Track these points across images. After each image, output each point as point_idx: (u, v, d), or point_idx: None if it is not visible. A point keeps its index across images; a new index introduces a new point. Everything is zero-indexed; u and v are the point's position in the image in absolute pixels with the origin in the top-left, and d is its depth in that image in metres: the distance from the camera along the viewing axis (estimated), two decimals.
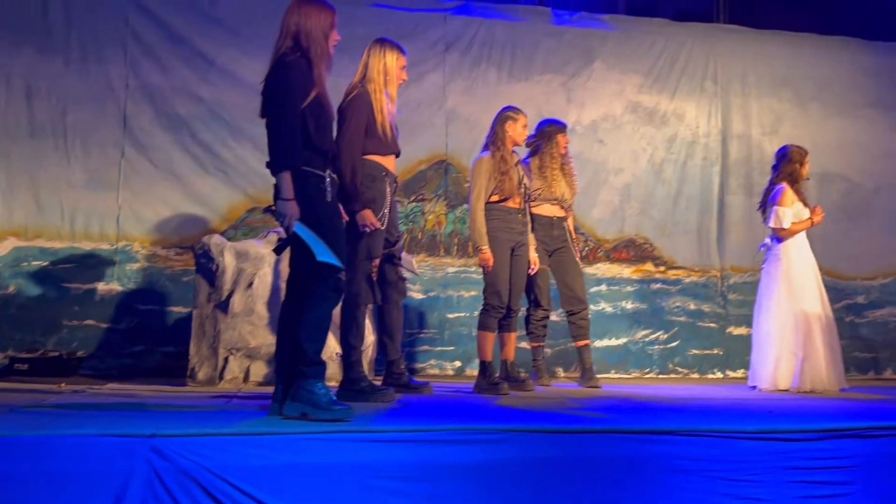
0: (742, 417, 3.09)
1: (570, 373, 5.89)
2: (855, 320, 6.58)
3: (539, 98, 6.18)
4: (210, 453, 2.21)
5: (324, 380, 2.80)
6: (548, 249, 4.83)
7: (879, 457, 2.61)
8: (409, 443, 2.41)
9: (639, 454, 2.54)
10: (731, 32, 6.72)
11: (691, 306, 6.38)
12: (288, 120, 2.78)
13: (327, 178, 2.88)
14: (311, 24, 2.86)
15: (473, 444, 2.43)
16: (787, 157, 4.99)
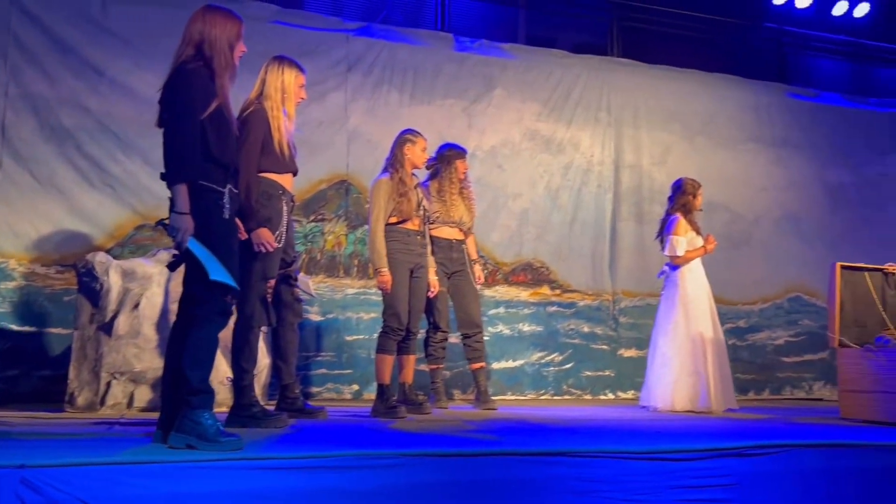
0: (632, 438, 3.18)
1: (468, 395, 5.91)
2: (737, 343, 6.92)
3: (441, 122, 6.24)
4: (87, 484, 2.06)
5: (211, 408, 2.67)
6: (447, 272, 4.86)
7: (757, 475, 2.73)
8: (302, 470, 2.34)
9: (534, 476, 2.56)
10: (624, 66, 7.01)
11: (585, 329, 6.55)
12: (186, 130, 2.67)
13: (226, 193, 2.76)
14: (216, 32, 2.77)
15: (368, 469, 2.38)
16: (681, 190, 5.24)
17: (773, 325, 7.09)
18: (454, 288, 4.90)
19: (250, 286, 3.52)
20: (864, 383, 4.26)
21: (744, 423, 4.03)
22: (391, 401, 4.17)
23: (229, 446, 2.54)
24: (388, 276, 4.19)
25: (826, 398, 6.83)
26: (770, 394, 6.96)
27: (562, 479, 2.55)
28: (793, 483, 2.81)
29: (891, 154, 7.71)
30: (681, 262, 5.10)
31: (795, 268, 7.16)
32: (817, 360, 7.09)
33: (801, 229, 7.28)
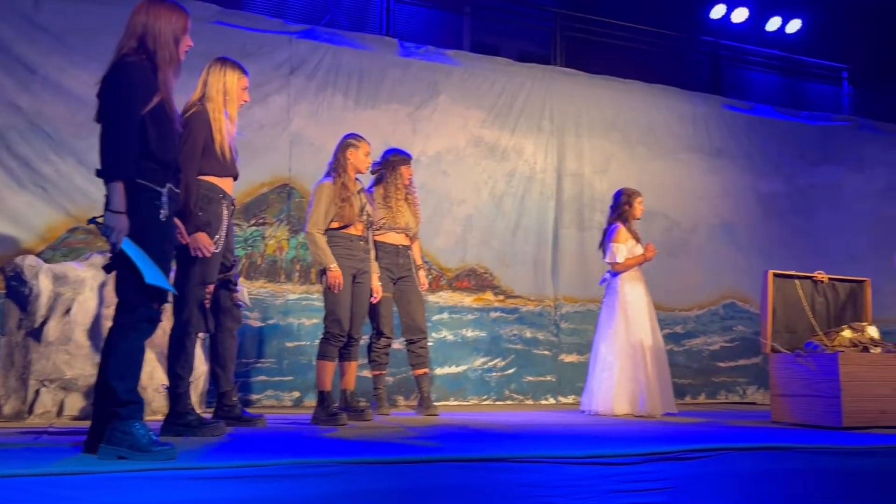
0: (573, 443, 3.21)
1: (411, 401, 5.90)
2: (674, 348, 7.06)
3: (385, 127, 6.22)
4: (11, 496, 1.98)
5: (142, 418, 2.58)
6: (392, 277, 4.84)
7: (691, 478, 2.79)
8: (238, 479, 2.29)
9: (474, 482, 2.57)
10: (567, 76, 7.11)
11: (527, 334, 6.60)
12: (125, 125, 2.57)
13: (164, 193, 2.67)
14: (160, 25, 2.68)
15: (307, 478, 2.35)
16: (621, 199, 5.37)
17: (708, 330, 7.26)
18: (399, 293, 4.89)
19: (188, 291, 3.44)
20: (795, 387, 4.39)
21: (680, 428, 4.12)
22: (332, 408, 4.13)
23: (162, 456, 2.47)
24: (338, 271, 4.16)
25: (759, 402, 7.03)
26: (706, 398, 7.13)
27: (503, 484, 2.56)
28: (725, 486, 2.88)
29: (821, 165, 8.00)
30: (620, 269, 5.21)
31: (730, 275, 7.36)
32: (751, 365, 7.29)
33: (735, 237, 7.49)
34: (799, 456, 3.09)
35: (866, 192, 8.08)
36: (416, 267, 4.96)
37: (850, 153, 8.11)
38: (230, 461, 2.45)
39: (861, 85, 9.00)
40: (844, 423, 4.06)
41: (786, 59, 8.80)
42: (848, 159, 8.08)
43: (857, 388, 4.13)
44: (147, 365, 4.21)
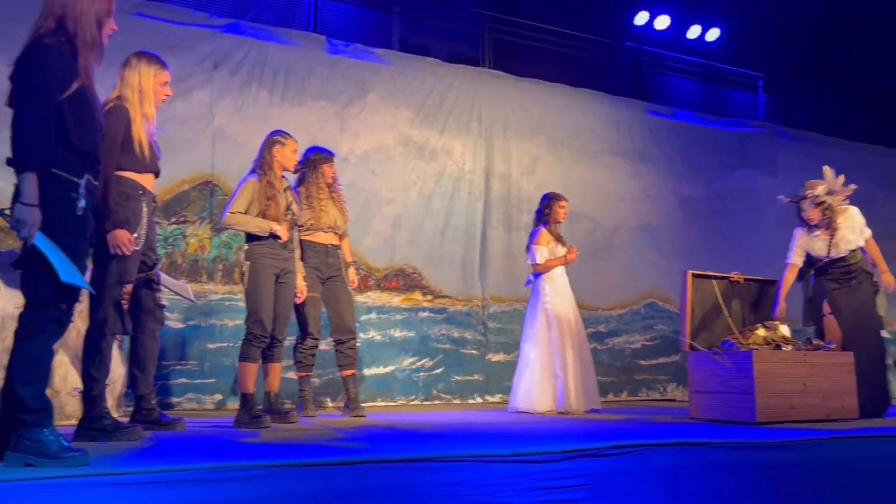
0: (497, 441, 3.23)
1: (338, 403, 5.84)
2: (598, 347, 7.20)
3: (312, 124, 6.15)
4: None
5: (51, 424, 2.44)
6: (321, 277, 4.78)
7: (611, 474, 2.85)
8: (155, 485, 2.21)
9: (399, 483, 2.55)
10: (495, 78, 7.17)
11: (455, 334, 6.63)
12: (40, 111, 2.42)
13: (82, 184, 2.52)
14: (82, 6, 2.54)
15: (226, 482, 2.29)
16: (546, 203, 5.54)
17: (630, 329, 7.44)
18: (329, 293, 4.83)
19: (104, 291, 3.32)
20: (711, 384, 4.54)
21: (602, 424, 4.20)
22: (255, 410, 4.05)
23: (74, 462, 2.37)
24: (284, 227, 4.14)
25: (678, 399, 7.24)
26: (628, 395, 7.30)
27: (428, 484, 2.55)
28: (645, 481, 2.95)
29: (738, 170, 8.30)
30: (540, 270, 5.37)
31: (651, 275, 7.56)
32: (670, 363, 7.50)
33: (656, 239, 7.70)
34: (715, 451, 3.19)
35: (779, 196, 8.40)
36: (346, 265, 4.92)
37: (765, 158, 8.44)
38: (147, 466, 2.37)
39: (775, 93, 9.38)
40: (758, 418, 4.21)
41: (705, 67, 9.10)
42: (763, 164, 8.41)
43: (769, 384, 4.29)
44: (61, 367, 4.06)
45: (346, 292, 4.86)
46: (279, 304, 4.23)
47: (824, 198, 4.89)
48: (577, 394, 5.12)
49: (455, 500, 2.54)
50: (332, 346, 4.97)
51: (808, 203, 4.96)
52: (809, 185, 5.02)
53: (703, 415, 4.57)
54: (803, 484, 3.30)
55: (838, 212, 4.93)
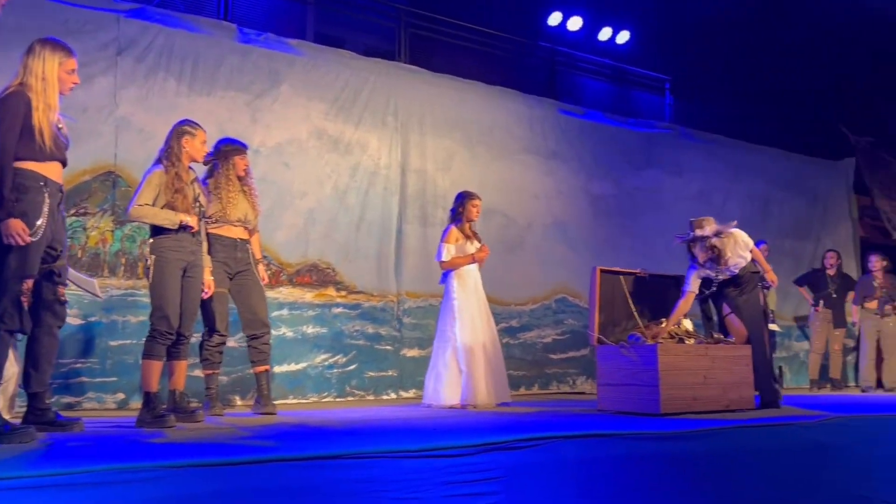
0: (408, 436, 3.22)
1: (247, 400, 5.71)
2: (510, 341, 7.30)
3: (222, 115, 5.98)
4: None
5: None
6: (230, 272, 4.66)
7: (521, 467, 2.89)
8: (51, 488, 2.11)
9: (308, 481, 2.52)
10: (411, 73, 7.15)
11: (369, 330, 6.58)
12: None
13: None
14: None
15: (124, 484, 2.20)
16: (459, 201, 5.62)
17: (542, 324, 7.57)
18: (239, 288, 4.71)
19: (2, 284, 3.14)
20: (618, 377, 4.67)
21: (512, 418, 4.25)
22: (159, 409, 3.90)
23: None
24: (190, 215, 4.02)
25: (587, 392, 7.42)
26: (539, 388, 7.42)
27: (337, 482, 2.52)
28: (553, 472, 3.00)
29: (646, 169, 8.56)
30: (446, 267, 5.49)
31: (562, 271, 7.71)
32: (580, 357, 7.67)
33: (567, 235, 7.85)
34: (621, 442, 3.28)
35: (684, 195, 8.74)
36: (256, 261, 4.80)
37: (671, 159, 8.74)
38: (40, 469, 2.25)
39: (681, 95, 9.73)
40: (662, 409, 4.35)
41: (615, 68, 9.34)
42: (668, 164, 8.70)
43: (673, 377, 4.45)
44: None
45: (258, 286, 4.75)
46: (186, 300, 4.10)
47: (713, 241, 5.00)
48: (487, 388, 5.20)
49: (364, 497, 2.52)
50: (241, 342, 4.84)
51: (697, 248, 5.05)
52: (697, 225, 5.10)
53: (610, 407, 4.69)
54: (706, 471, 3.43)
55: (726, 245, 5.04)
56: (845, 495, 3.84)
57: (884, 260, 8.20)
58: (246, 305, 4.71)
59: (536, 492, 2.92)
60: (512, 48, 8.39)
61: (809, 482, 3.75)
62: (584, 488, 3.06)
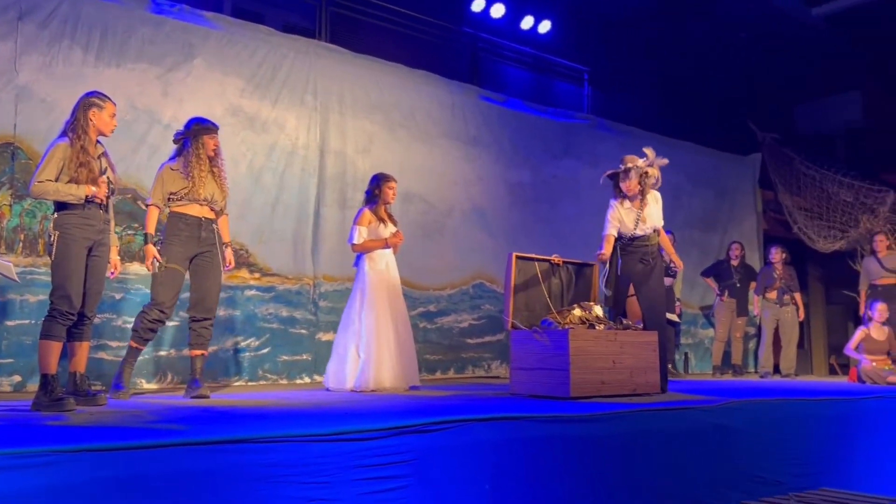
0: (319, 420, 3.19)
1: (153, 384, 5.54)
2: (427, 326, 7.32)
3: (132, 88, 5.74)
4: None
5: None
6: (190, 252, 4.60)
7: (433, 450, 2.90)
8: None
9: (214, 466, 2.46)
10: (331, 52, 7.03)
11: (284, 313, 6.47)
12: None
13: None
14: None
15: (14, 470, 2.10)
16: (374, 183, 5.61)
17: (459, 309, 7.62)
18: (196, 269, 4.67)
19: None
20: (531, 361, 4.74)
21: (424, 401, 4.27)
22: (57, 392, 3.74)
23: None
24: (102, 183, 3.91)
25: (502, 376, 7.52)
26: (455, 373, 7.48)
27: (243, 466, 2.48)
28: (465, 455, 3.03)
29: (563, 158, 8.70)
30: (357, 251, 5.48)
31: (480, 257, 7.77)
32: (495, 342, 7.77)
33: (486, 222, 7.91)
34: (531, 424, 3.33)
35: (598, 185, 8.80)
36: (223, 243, 4.78)
37: (587, 149, 8.91)
38: None
39: (599, 87, 9.92)
40: (572, 393, 4.45)
41: (536, 57, 9.44)
42: (585, 154, 8.86)
43: (583, 361, 4.55)
44: None
45: (216, 271, 4.71)
46: (91, 279, 3.94)
47: (646, 168, 5.29)
48: (395, 372, 5.22)
49: (271, 481, 2.49)
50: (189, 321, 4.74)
51: (633, 173, 5.27)
52: (629, 160, 5.37)
53: (522, 391, 4.76)
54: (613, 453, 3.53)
55: (650, 186, 5.30)
56: (742, 475, 4.03)
57: (783, 252, 8.61)
58: (198, 287, 4.68)
59: (447, 474, 2.94)
60: (435, 32, 8.36)
61: (710, 463, 3.91)
62: (494, 471, 3.10)
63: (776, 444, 4.30)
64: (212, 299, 4.69)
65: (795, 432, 4.45)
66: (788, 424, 4.45)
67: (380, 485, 2.72)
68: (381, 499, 2.73)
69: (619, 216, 5.30)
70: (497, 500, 3.06)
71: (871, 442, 4.94)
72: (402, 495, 2.76)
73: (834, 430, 4.72)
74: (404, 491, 2.77)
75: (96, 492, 2.24)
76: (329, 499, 2.59)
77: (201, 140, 4.68)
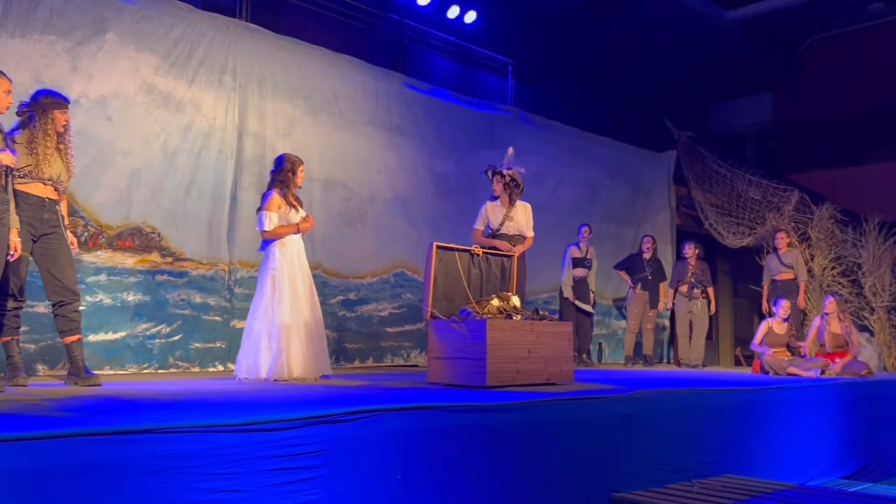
0: (228, 410, 3.11)
1: (56, 371, 5.31)
2: (346, 314, 7.26)
3: (37, 60, 5.46)
4: None
5: None
6: (34, 234, 4.27)
7: (345, 440, 2.87)
8: None
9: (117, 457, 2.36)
10: (253, 32, 6.85)
11: (197, 299, 6.30)
12: None
13: None
14: None
15: None
16: (281, 166, 5.27)
17: (379, 297, 7.58)
18: (44, 252, 4.32)
19: None
20: (449, 350, 4.75)
21: (338, 391, 4.22)
22: None
23: None
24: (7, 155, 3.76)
25: (421, 365, 7.53)
26: (374, 361, 7.45)
27: (146, 458, 2.39)
28: (379, 445, 3.01)
29: (486, 150, 8.71)
30: (268, 237, 5.19)
31: (401, 246, 7.74)
32: (415, 331, 7.77)
33: (408, 211, 7.89)
34: (445, 414, 3.34)
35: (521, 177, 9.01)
36: (65, 225, 4.44)
37: (510, 141, 8.91)
38: None
39: (523, 80, 10.01)
40: (488, 382, 4.49)
41: (461, 48, 9.45)
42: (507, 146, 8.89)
43: (500, 350, 4.59)
44: None
45: (66, 250, 4.38)
46: None
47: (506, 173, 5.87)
48: (306, 361, 5.09)
49: (176, 473, 2.41)
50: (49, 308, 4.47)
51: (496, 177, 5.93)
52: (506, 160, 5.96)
53: (440, 380, 4.77)
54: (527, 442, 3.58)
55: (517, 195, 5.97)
56: (648, 463, 4.16)
57: (697, 248, 8.91)
58: (50, 272, 4.34)
59: (360, 465, 2.92)
60: (360, 17, 8.26)
61: (618, 451, 4.02)
62: (409, 460, 3.09)
63: (681, 433, 4.45)
64: (70, 280, 4.38)
65: (700, 421, 4.62)
66: (693, 413, 4.61)
67: (290, 475, 2.67)
68: (292, 489, 2.69)
69: (487, 213, 5.97)
70: (409, 490, 3.05)
71: (771, 430, 5.17)
72: (312, 486, 2.72)
73: (736, 419, 4.92)
74: (315, 482, 2.73)
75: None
76: (238, 489, 2.53)
77: (51, 115, 4.31)
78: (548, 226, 9.15)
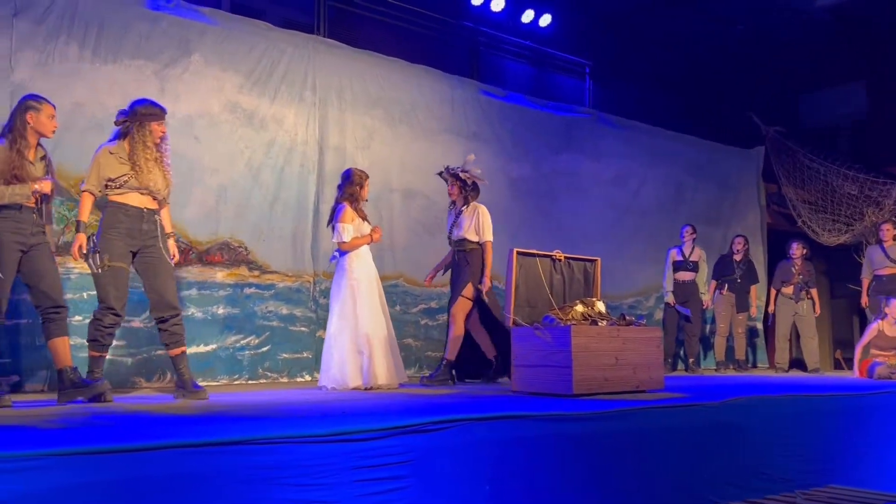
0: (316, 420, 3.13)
1: (153, 383, 5.50)
2: (429, 323, 7.27)
3: (128, 84, 5.68)
4: None
5: None
6: (133, 246, 4.35)
7: (432, 449, 2.84)
8: None
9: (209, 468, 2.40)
10: (331, 47, 6.96)
11: (284, 311, 6.42)
12: None
13: None
14: None
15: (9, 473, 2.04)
16: (350, 180, 5.46)
17: None
18: (144, 266, 4.39)
19: None
20: (533, 358, 4.68)
21: (424, 400, 4.21)
22: None
23: None
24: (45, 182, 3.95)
25: None
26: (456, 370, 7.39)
27: (236, 468, 2.42)
28: (465, 455, 2.97)
29: (563, 153, 8.63)
30: (347, 248, 5.35)
31: None
32: None
33: None
34: (532, 423, 3.27)
35: (600, 179, 8.87)
36: (166, 235, 4.51)
37: (588, 144, 8.84)
38: None
39: (600, 81, 9.84)
40: (574, 390, 4.39)
41: (537, 51, 9.36)
42: (586, 149, 8.79)
43: (586, 357, 4.49)
44: None
45: (165, 264, 4.43)
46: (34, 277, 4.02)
47: (461, 175, 5.87)
48: (388, 369, 5.18)
49: (265, 484, 2.43)
50: (145, 322, 4.63)
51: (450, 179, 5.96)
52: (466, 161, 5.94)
53: (524, 388, 4.70)
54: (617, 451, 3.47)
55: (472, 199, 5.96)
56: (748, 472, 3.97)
57: (804, 248, 8.54)
58: (152, 285, 4.40)
59: (447, 475, 2.89)
60: (434, 27, 8.29)
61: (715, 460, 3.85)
62: (495, 470, 3.04)
63: (782, 441, 4.23)
64: (170, 295, 4.43)
65: (802, 428, 4.39)
66: (794, 421, 4.39)
67: (379, 486, 2.66)
68: (381, 500, 2.67)
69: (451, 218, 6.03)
70: (497, 500, 3.00)
71: (879, 438, 4.87)
72: (401, 496, 2.71)
73: (842, 427, 4.65)
74: (404, 492, 2.71)
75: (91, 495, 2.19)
76: (327, 500, 2.53)
77: (148, 127, 4.37)
78: (631, 228, 8.95)
